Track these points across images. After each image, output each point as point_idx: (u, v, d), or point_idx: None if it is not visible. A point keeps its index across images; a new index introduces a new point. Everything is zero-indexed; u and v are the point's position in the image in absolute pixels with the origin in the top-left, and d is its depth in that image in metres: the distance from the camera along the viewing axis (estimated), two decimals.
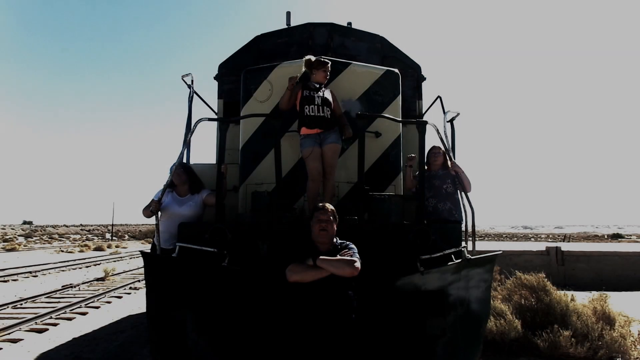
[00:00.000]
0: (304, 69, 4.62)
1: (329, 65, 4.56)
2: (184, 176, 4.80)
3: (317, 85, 4.48)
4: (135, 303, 9.44)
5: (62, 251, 27.85)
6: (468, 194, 4.26)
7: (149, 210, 4.41)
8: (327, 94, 4.47)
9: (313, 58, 4.56)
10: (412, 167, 4.92)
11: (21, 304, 9.13)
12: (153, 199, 4.41)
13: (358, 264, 3.20)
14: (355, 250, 3.36)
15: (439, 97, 6.08)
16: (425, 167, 5.12)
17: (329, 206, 3.45)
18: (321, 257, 3.20)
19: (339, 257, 3.24)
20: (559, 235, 57.77)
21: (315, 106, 4.35)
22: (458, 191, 4.86)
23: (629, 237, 54.20)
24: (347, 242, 3.44)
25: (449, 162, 5.02)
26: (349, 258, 3.21)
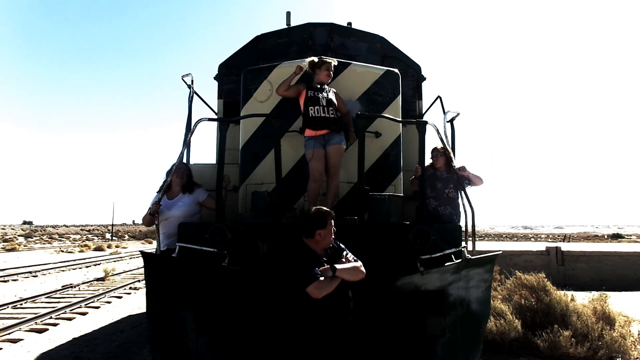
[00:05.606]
0: (306, 68, 4.58)
1: (332, 64, 4.56)
2: (186, 177, 4.85)
3: (320, 86, 4.48)
4: (135, 303, 9.45)
5: (62, 251, 27.85)
6: (467, 193, 4.25)
7: (148, 215, 4.46)
8: (331, 95, 4.47)
9: (316, 59, 4.54)
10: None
11: (21, 304, 9.13)
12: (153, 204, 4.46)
13: (363, 267, 3.27)
14: (348, 251, 3.37)
15: (439, 97, 6.08)
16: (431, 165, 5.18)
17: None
18: (337, 266, 3.13)
19: (350, 263, 3.24)
20: (559, 235, 57.74)
21: (320, 107, 4.34)
22: (459, 194, 4.86)
23: (629, 237, 54.20)
24: (339, 243, 3.39)
25: (453, 163, 5.02)
26: (357, 264, 3.26)
